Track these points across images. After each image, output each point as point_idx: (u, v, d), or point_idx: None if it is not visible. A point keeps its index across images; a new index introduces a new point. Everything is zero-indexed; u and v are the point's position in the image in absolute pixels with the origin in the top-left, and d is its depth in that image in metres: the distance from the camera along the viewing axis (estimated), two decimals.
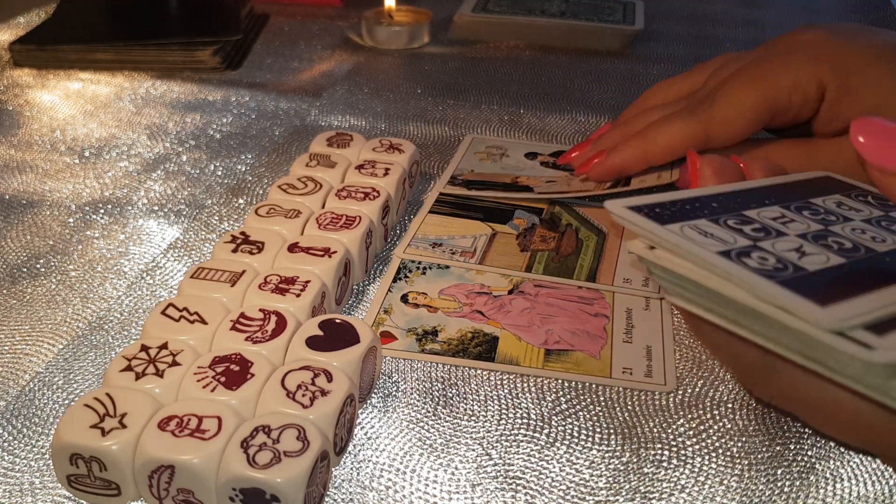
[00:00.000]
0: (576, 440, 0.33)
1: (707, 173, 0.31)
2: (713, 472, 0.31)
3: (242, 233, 0.40)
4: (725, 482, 0.31)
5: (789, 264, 0.25)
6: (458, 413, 0.34)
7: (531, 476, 0.31)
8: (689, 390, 0.35)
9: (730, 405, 0.34)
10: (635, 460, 0.32)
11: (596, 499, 0.30)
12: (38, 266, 0.42)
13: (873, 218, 0.30)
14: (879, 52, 0.40)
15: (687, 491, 0.30)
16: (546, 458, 0.32)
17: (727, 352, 0.30)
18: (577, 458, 0.32)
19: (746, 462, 0.32)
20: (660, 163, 0.45)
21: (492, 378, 0.36)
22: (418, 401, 0.34)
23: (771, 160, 0.32)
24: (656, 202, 0.29)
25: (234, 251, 0.39)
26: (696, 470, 0.31)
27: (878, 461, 0.32)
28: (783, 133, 0.46)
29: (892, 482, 0.31)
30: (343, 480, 0.31)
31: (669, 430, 0.33)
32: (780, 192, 0.31)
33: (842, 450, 0.32)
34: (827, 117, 0.42)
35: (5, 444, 0.32)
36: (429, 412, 0.34)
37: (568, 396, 0.35)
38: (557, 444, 0.32)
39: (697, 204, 0.29)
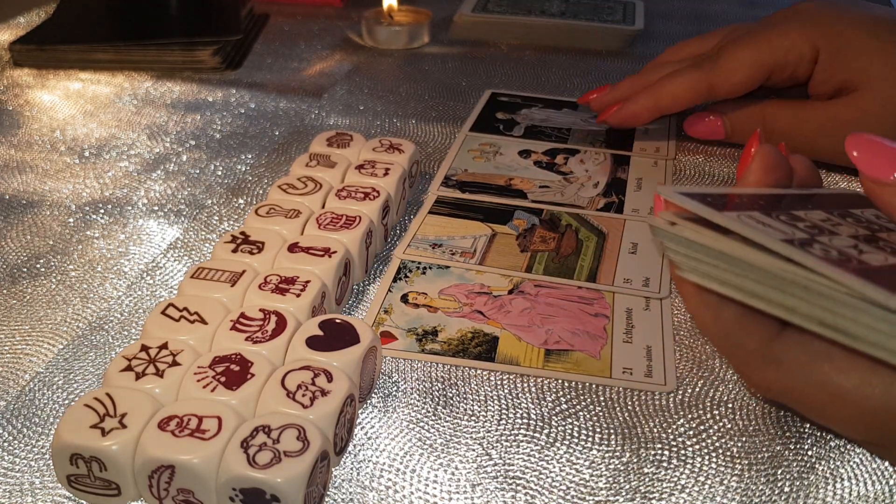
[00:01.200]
0: (576, 440, 0.33)
1: (755, 166, 0.31)
2: (713, 472, 0.31)
3: (242, 233, 0.40)
4: (725, 482, 0.31)
5: (853, 258, 0.26)
6: (458, 413, 0.34)
7: (531, 476, 0.31)
8: (689, 390, 0.35)
9: (730, 405, 0.34)
10: (635, 460, 0.32)
11: (596, 499, 0.30)
12: (38, 266, 0.42)
13: None
14: (867, 22, 0.47)
15: (687, 491, 0.30)
16: (546, 458, 0.32)
17: (729, 341, 0.30)
18: (577, 459, 0.32)
19: (746, 462, 0.32)
20: (669, 111, 0.51)
21: (492, 378, 0.36)
22: (418, 401, 0.34)
23: (807, 161, 0.34)
24: (706, 192, 0.29)
25: (234, 251, 0.39)
26: (696, 470, 0.31)
27: (878, 461, 0.32)
28: (782, 94, 0.52)
29: (892, 482, 0.31)
30: (343, 480, 0.31)
31: (669, 430, 0.33)
32: (820, 200, 0.31)
33: (842, 450, 0.32)
34: (820, 79, 0.48)
35: (5, 444, 0.32)
36: (429, 412, 0.34)
37: (568, 396, 0.35)
38: (557, 444, 0.32)
39: (745, 199, 0.29)
